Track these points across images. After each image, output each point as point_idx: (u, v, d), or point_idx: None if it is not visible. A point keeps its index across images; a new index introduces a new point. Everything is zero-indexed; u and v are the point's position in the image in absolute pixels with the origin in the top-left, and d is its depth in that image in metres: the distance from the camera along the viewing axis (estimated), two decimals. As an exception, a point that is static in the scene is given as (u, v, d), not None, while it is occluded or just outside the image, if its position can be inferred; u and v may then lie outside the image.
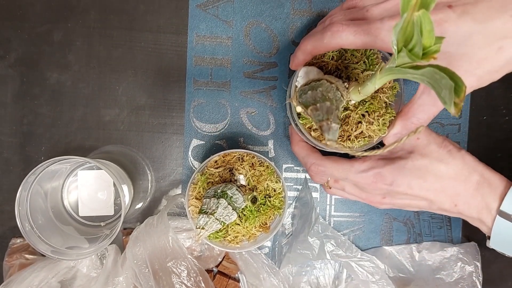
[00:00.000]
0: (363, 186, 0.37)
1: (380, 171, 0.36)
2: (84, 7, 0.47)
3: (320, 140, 0.37)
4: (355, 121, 0.37)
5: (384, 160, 0.37)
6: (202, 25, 0.47)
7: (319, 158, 0.39)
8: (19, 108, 0.47)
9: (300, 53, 0.36)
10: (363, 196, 0.39)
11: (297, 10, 0.48)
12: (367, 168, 0.36)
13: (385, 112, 0.37)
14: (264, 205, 0.42)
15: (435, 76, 0.23)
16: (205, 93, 0.48)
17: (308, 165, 0.40)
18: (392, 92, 0.38)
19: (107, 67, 0.47)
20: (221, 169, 0.42)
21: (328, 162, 0.38)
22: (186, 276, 0.42)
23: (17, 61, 0.47)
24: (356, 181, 0.37)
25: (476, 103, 0.49)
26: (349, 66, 0.38)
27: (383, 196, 0.38)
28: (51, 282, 0.43)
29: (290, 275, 0.48)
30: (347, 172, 0.37)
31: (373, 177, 0.36)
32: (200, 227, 0.37)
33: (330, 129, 0.28)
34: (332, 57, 0.38)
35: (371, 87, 0.31)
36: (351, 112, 0.37)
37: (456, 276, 0.47)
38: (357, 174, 0.37)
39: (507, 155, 0.50)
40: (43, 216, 0.43)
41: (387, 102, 0.38)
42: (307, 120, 0.37)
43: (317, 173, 0.39)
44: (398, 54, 0.25)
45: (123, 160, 0.47)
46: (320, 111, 0.29)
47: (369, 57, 0.38)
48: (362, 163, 0.37)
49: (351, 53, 0.38)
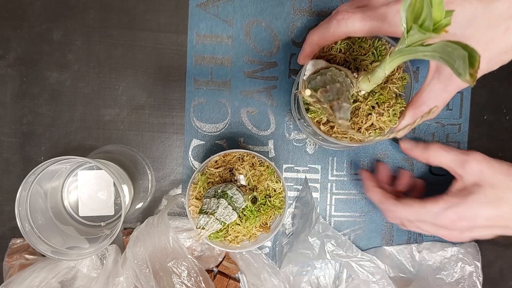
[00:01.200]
0: (443, 225, 0.39)
1: (458, 210, 0.37)
2: (83, 6, 0.47)
3: (329, 134, 0.36)
4: (365, 113, 0.36)
5: (455, 198, 0.38)
6: (202, 24, 0.47)
7: (392, 203, 0.41)
8: (19, 108, 0.47)
9: (307, 46, 0.36)
10: (441, 233, 0.40)
11: (297, 9, 0.48)
12: (442, 209, 0.38)
13: (395, 103, 0.36)
14: (264, 205, 0.42)
15: (447, 49, 0.22)
16: (205, 93, 0.48)
17: (383, 210, 0.42)
18: (401, 83, 0.37)
19: (107, 66, 0.47)
20: (221, 169, 0.42)
21: (402, 207, 0.40)
22: (187, 276, 0.42)
23: (17, 61, 0.46)
24: (434, 222, 0.39)
25: (477, 102, 0.49)
26: (357, 58, 0.37)
27: (462, 232, 0.39)
28: (51, 282, 0.43)
29: (291, 275, 0.48)
30: (421, 215, 0.39)
31: (452, 216, 0.37)
32: (201, 227, 0.37)
33: (341, 108, 0.27)
34: (340, 50, 0.37)
35: (381, 73, 0.30)
36: (361, 103, 0.36)
37: (457, 276, 0.47)
38: (434, 215, 0.38)
39: (509, 155, 0.50)
40: (43, 216, 0.43)
41: (397, 93, 0.37)
42: (315, 114, 0.36)
43: (392, 218, 0.42)
44: (408, 33, 0.24)
45: (123, 160, 0.47)
46: (330, 92, 0.28)
47: (377, 48, 0.37)
48: (435, 205, 0.38)
49: (358, 45, 0.37)
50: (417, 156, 0.43)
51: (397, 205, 0.40)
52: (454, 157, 0.39)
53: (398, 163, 0.49)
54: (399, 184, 0.46)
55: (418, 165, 0.49)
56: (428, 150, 0.41)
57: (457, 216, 0.37)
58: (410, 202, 0.40)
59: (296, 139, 0.49)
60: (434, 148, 0.41)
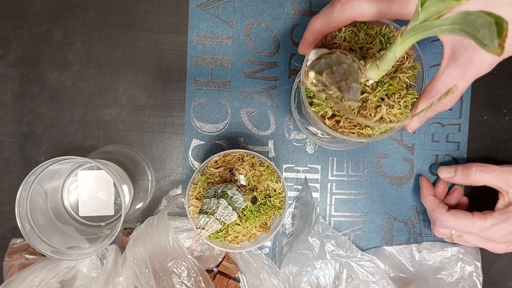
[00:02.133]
0: (491, 240, 0.42)
1: (505, 226, 0.41)
2: (84, 6, 0.47)
3: (335, 129, 0.33)
4: (374, 105, 0.33)
5: (503, 215, 0.41)
6: (203, 24, 0.47)
7: (444, 213, 0.43)
8: (19, 108, 0.47)
9: (309, 34, 0.33)
10: (488, 247, 0.43)
11: (297, 10, 0.48)
12: (490, 225, 0.41)
13: (406, 94, 0.33)
14: (264, 205, 0.42)
15: (468, 18, 0.20)
16: (205, 93, 0.48)
17: (433, 218, 0.45)
18: (412, 73, 0.34)
19: (107, 66, 0.47)
20: (221, 169, 0.42)
21: (452, 218, 0.43)
22: (187, 276, 0.42)
23: (17, 61, 0.46)
24: (482, 236, 0.42)
25: (477, 102, 0.49)
26: (364, 47, 0.34)
27: (509, 244, 0.42)
28: (51, 282, 0.43)
29: (291, 275, 0.48)
30: (469, 228, 0.42)
31: (501, 232, 0.41)
32: (201, 227, 0.37)
33: (351, 88, 0.24)
34: (345, 38, 0.34)
35: (391, 56, 0.27)
36: (369, 95, 0.33)
37: (457, 276, 0.47)
38: (482, 230, 0.41)
39: (508, 155, 0.50)
40: (43, 216, 0.43)
41: (408, 83, 0.34)
42: (319, 107, 0.33)
43: (441, 227, 0.44)
44: (423, 5, 0.22)
45: (123, 160, 0.47)
46: (337, 73, 0.25)
47: (385, 35, 0.34)
48: (484, 220, 0.41)
49: (364, 32, 0.34)
50: (460, 182, 0.46)
51: (448, 215, 0.43)
52: (497, 177, 0.42)
53: (399, 162, 0.49)
54: (450, 198, 0.48)
55: (418, 165, 0.49)
56: (469, 176, 0.44)
57: (506, 232, 0.41)
58: (460, 214, 0.42)
59: (296, 139, 0.49)
60: (475, 172, 0.43)
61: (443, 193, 0.48)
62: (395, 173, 0.49)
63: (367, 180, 0.49)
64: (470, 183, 0.44)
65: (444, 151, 0.49)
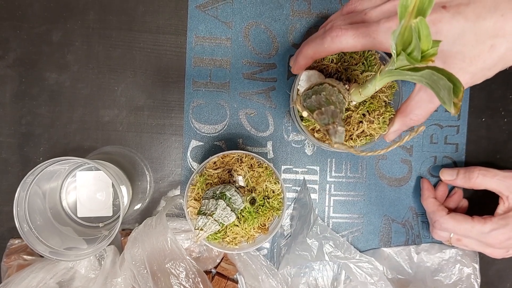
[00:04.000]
0: (490, 245, 0.42)
1: (505, 231, 0.41)
2: (83, 7, 0.47)
3: (323, 140, 0.39)
4: (356, 121, 0.39)
5: (503, 220, 0.42)
6: (202, 26, 0.47)
7: (444, 216, 0.44)
8: (18, 109, 0.47)
9: (301, 58, 0.37)
10: (487, 251, 0.43)
11: (296, 11, 0.48)
12: (490, 230, 0.41)
13: (385, 111, 0.39)
14: (262, 206, 0.42)
15: (433, 77, 0.23)
16: (204, 94, 0.48)
17: (433, 220, 0.45)
18: (390, 91, 0.40)
19: (106, 67, 0.47)
20: (220, 170, 0.42)
21: (452, 221, 0.43)
22: (185, 277, 0.42)
23: (16, 61, 0.46)
24: (481, 240, 0.42)
25: (475, 104, 0.49)
26: (349, 68, 0.39)
27: (507, 250, 0.43)
28: (49, 283, 0.43)
29: (289, 277, 0.48)
30: (469, 232, 0.42)
31: (500, 237, 0.42)
32: (199, 228, 0.37)
33: (337, 132, 0.29)
34: (332, 60, 0.40)
35: (372, 88, 0.32)
36: (352, 112, 0.38)
37: (455, 278, 0.47)
38: (481, 234, 0.42)
39: (507, 157, 0.50)
40: (42, 217, 0.43)
41: (386, 101, 0.39)
42: (310, 122, 0.39)
43: (440, 229, 0.45)
44: (397, 57, 0.25)
45: (122, 161, 0.47)
46: (326, 115, 0.30)
47: (367, 58, 0.40)
48: (484, 225, 0.42)
49: (350, 55, 0.40)
50: (461, 185, 0.46)
51: (448, 218, 0.43)
52: (498, 181, 0.43)
53: (397, 164, 0.49)
54: (450, 200, 0.48)
55: (417, 167, 0.49)
56: (471, 179, 0.44)
57: (504, 237, 0.41)
58: (460, 217, 0.43)
59: (295, 141, 0.49)
60: (477, 176, 0.44)
61: (444, 195, 0.48)
62: (393, 174, 0.49)
63: (366, 182, 0.49)
64: (471, 187, 0.45)
65: (442, 153, 0.49)
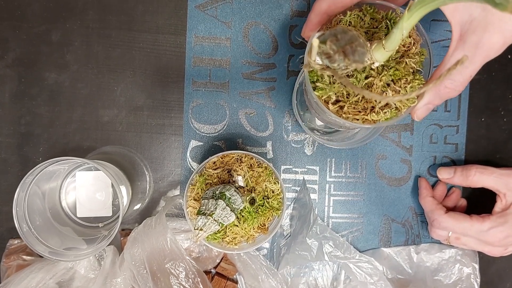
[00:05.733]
0: (489, 243, 0.42)
1: (503, 229, 0.41)
2: (82, 7, 0.47)
3: (339, 115, 0.32)
4: (379, 90, 0.32)
5: (501, 218, 0.41)
6: (201, 26, 0.47)
7: (442, 215, 0.43)
8: (17, 109, 0.47)
9: (314, 15, 0.32)
10: (485, 250, 0.43)
11: (295, 11, 0.48)
12: (488, 228, 0.41)
13: (413, 79, 0.32)
14: (262, 206, 0.42)
15: None
16: (203, 94, 0.48)
17: (431, 219, 0.45)
18: (419, 59, 0.33)
19: (106, 67, 0.47)
20: (219, 170, 0.42)
21: (451, 220, 0.42)
22: (184, 278, 0.42)
23: (15, 61, 0.46)
24: (480, 238, 0.42)
25: (475, 104, 0.49)
26: (369, 31, 0.33)
27: (505, 248, 0.42)
28: (49, 283, 0.43)
29: (289, 277, 0.48)
30: (468, 230, 0.42)
31: (499, 235, 0.41)
32: (199, 228, 0.37)
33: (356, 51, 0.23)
34: (350, 22, 0.33)
35: (398, 34, 0.26)
36: (374, 78, 0.32)
37: (454, 278, 0.47)
38: (479, 233, 0.41)
39: (507, 157, 0.50)
40: (41, 217, 0.43)
41: (415, 68, 0.33)
42: (323, 91, 0.32)
43: (439, 228, 0.44)
44: None
45: (122, 161, 0.47)
46: (342, 40, 0.24)
47: (392, 19, 0.33)
48: (482, 223, 0.41)
49: (370, 17, 0.33)
50: (458, 184, 0.46)
51: (446, 216, 0.43)
52: (496, 179, 0.42)
53: (397, 164, 0.49)
54: (448, 200, 0.48)
55: (416, 167, 0.49)
56: (469, 177, 0.44)
57: (503, 235, 0.41)
58: (458, 216, 0.42)
59: (295, 140, 0.49)
60: (474, 173, 0.43)
61: (442, 195, 0.48)
62: (393, 174, 0.49)
63: (365, 182, 0.49)
64: (469, 185, 0.44)
65: (442, 152, 0.49)
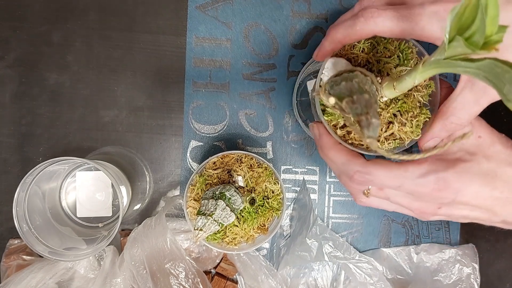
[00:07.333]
0: (421, 194, 0.30)
1: (444, 176, 0.29)
2: (83, 8, 0.47)
3: (346, 140, 0.33)
4: (386, 121, 0.33)
5: (443, 162, 0.30)
6: (201, 26, 0.47)
7: (364, 164, 0.31)
8: (18, 109, 0.47)
9: (328, 43, 0.31)
10: (414, 206, 0.32)
11: (296, 12, 0.48)
12: (425, 171, 0.29)
13: (419, 113, 0.33)
14: (262, 206, 0.42)
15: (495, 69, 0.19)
16: (204, 95, 0.48)
17: (350, 173, 0.31)
18: (426, 91, 0.33)
19: (106, 68, 0.47)
20: (219, 170, 0.42)
21: (377, 169, 0.30)
22: (184, 278, 0.42)
23: (16, 62, 0.47)
24: (412, 189, 0.30)
25: (474, 105, 0.49)
26: (381, 60, 0.33)
27: (439, 206, 0.31)
28: (49, 283, 0.43)
29: (288, 277, 0.48)
30: (402, 179, 0.30)
31: (435, 183, 0.29)
32: (198, 228, 0.37)
33: (371, 124, 0.24)
34: (363, 49, 0.33)
35: (410, 82, 0.27)
36: (382, 110, 0.32)
37: (454, 278, 0.47)
38: (415, 180, 0.29)
39: (505, 158, 0.50)
40: (41, 217, 0.43)
41: (422, 102, 0.33)
42: (332, 117, 0.32)
43: (361, 183, 0.31)
44: (450, 43, 0.21)
45: (122, 161, 0.47)
46: (358, 104, 0.25)
47: (404, 50, 0.34)
48: (419, 166, 0.30)
49: (383, 46, 0.33)
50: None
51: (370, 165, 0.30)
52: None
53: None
54: None
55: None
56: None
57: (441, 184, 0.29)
58: (386, 162, 0.30)
59: (294, 141, 0.49)
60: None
61: None
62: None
63: (365, 182, 0.49)
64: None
65: (441, 153, 0.49)
